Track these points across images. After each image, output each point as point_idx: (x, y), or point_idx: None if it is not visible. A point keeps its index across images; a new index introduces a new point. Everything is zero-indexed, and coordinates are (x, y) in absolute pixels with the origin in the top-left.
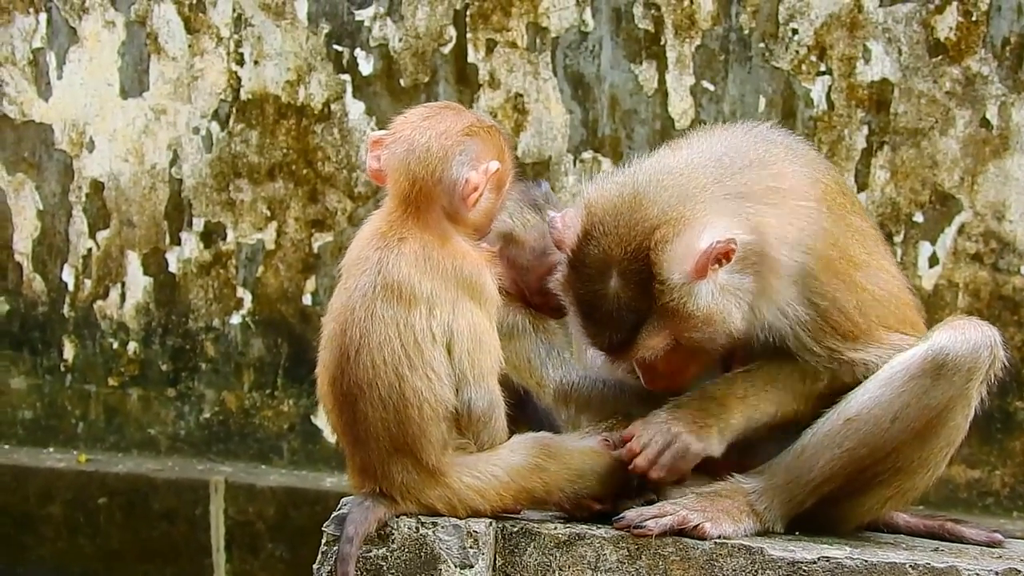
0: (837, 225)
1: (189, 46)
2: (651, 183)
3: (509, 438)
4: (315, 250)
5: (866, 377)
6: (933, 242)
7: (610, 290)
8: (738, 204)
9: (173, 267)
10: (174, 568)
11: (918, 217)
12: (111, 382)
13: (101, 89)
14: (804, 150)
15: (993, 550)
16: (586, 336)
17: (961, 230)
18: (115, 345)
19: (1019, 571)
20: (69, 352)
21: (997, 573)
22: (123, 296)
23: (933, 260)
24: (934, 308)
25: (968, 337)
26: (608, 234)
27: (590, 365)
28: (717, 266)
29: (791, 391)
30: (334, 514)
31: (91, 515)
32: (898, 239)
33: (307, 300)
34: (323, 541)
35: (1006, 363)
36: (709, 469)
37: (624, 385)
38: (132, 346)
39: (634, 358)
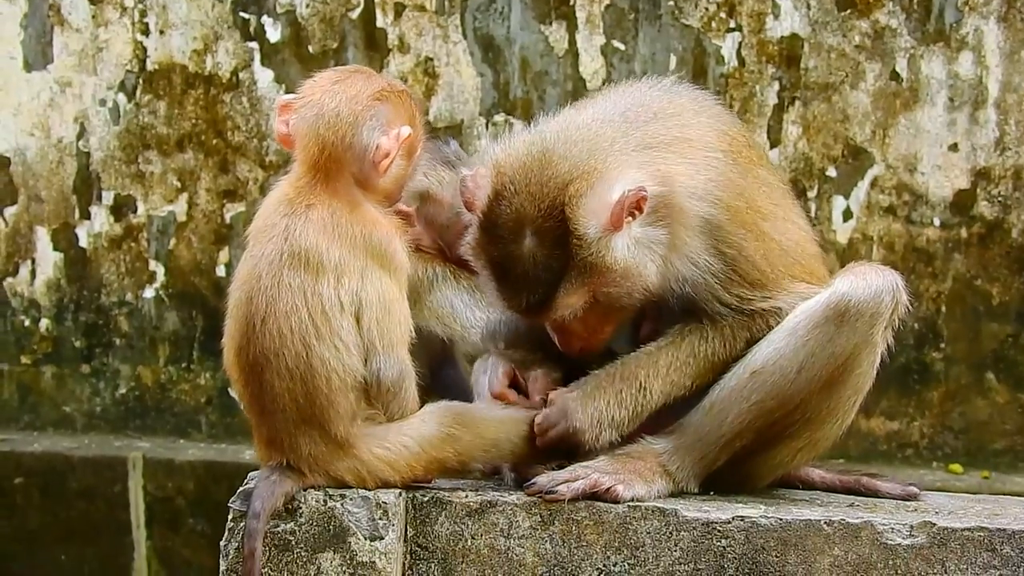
0: (744, 177)
1: (93, 17)
2: (559, 140)
3: (421, 408)
4: (227, 221)
5: (778, 324)
6: (847, 196)
7: (525, 250)
8: (647, 155)
9: (84, 242)
10: (94, 547)
11: (831, 172)
12: (24, 360)
13: (4, 62)
14: (710, 103)
15: (909, 503)
16: (501, 299)
17: (874, 183)
18: (27, 322)
19: (934, 524)
20: None
21: (912, 527)
22: (33, 273)
23: (847, 214)
24: (849, 262)
25: (869, 282)
26: (520, 193)
27: None
28: (631, 218)
29: (711, 362)
30: (241, 489)
31: (7, 496)
32: (812, 194)
33: (221, 272)
34: (229, 517)
35: (909, 307)
36: None
37: None
38: (44, 323)
39: (552, 318)
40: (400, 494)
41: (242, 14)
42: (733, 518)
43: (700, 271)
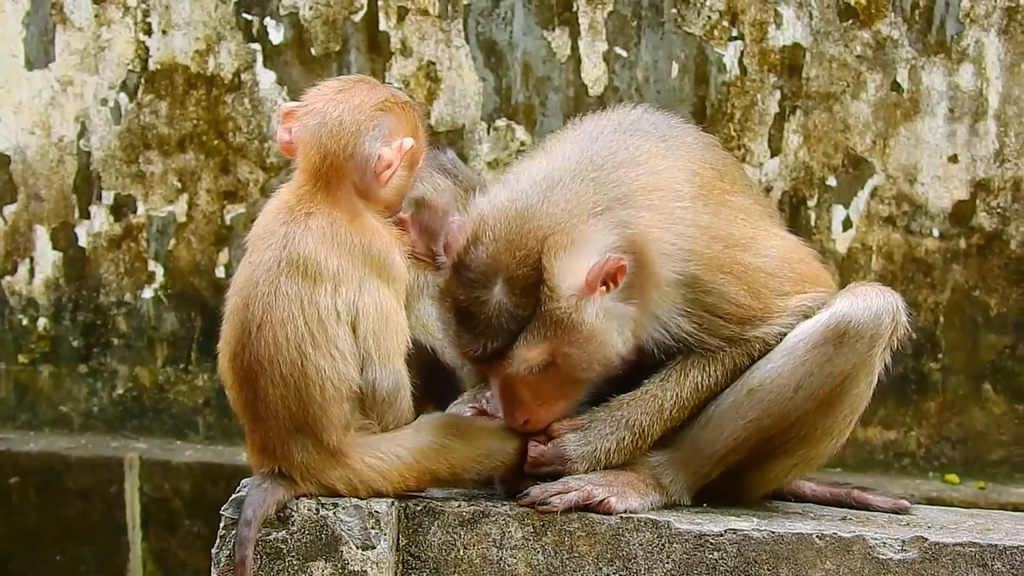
0: (717, 215)
1: (95, 16)
2: (538, 197)
3: (415, 418)
4: (227, 222)
5: (777, 344)
6: (846, 206)
7: (493, 296)
8: (622, 213)
9: (83, 241)
10: (90, 547)
11: (831, 181)
12: (21, 359)
13: (5, 60)
14: (678, 138)
15: (900, 517)
16: (458, 345)
17: (874, 193)
18: (24, 321)
19: (925, 539)
20: None
21: (904, 541)
22: (32, 271)
23: (847, 224)
24: (848, 271)
25: (870, 304)
26: (498, 240)
27: None
28: (604, 288)
29: (712, 391)
30: (232, 496)
31: (3, 495)
32: (811, 203)
33: (220, 273)
34: (221, 524)
35: (908, 329)
36: None
37: None
38: (42, 322)
39: (506, 370)
40: (392, 503)
41: (245, 15)
42: (725, 531)
43: (681, 330)
